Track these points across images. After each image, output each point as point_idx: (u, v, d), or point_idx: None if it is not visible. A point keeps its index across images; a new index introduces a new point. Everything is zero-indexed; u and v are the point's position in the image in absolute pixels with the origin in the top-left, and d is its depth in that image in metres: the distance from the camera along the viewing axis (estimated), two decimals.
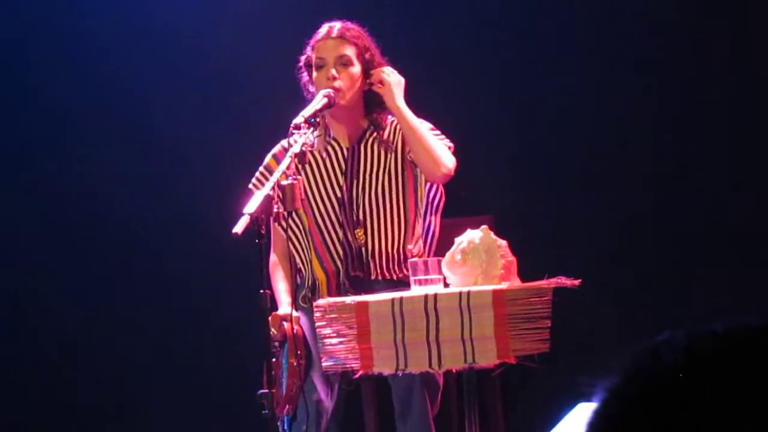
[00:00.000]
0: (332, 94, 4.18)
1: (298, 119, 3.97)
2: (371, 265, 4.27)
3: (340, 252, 4.28)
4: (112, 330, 5.37)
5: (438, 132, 4.35)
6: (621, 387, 1.20)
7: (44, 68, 5.45)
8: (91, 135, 5.42)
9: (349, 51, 4.29)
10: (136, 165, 5.39)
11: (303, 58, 4.35)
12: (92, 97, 5.41)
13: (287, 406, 3.88)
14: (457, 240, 3.87)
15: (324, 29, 4.33)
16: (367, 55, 4.30)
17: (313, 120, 3.99)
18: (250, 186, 4.31)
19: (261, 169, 4.37)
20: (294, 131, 3.93)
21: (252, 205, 3.65)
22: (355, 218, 4.30)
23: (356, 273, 4.27)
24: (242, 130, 5.17)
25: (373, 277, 4.26)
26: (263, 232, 3.67)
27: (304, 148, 3.85)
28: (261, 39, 5.23)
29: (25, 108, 5.50)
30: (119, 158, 5.40)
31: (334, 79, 4.23)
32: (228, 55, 5.30)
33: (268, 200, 3.67)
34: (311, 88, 4.32)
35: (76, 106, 5.43)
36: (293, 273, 4.31)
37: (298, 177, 3.81)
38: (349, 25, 4.34)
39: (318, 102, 4.11)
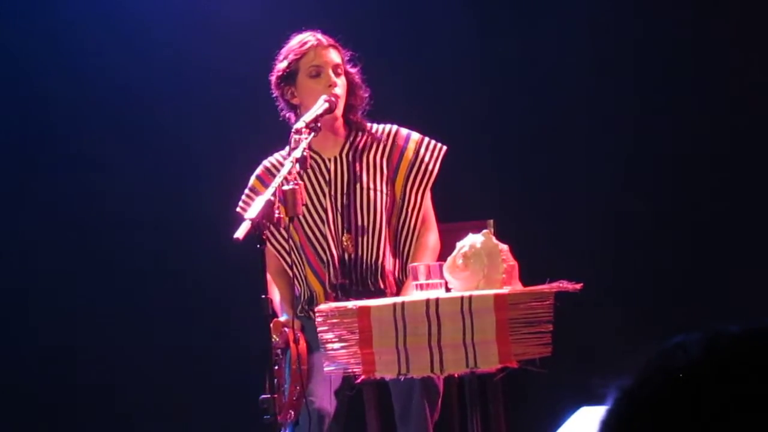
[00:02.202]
0: (333, 100, 4.17)
1: (299, 124, 3.97)
2: (355, 274, 4.26)
3: (333, 260, 4.27)
4: (114, 334, 5.37)
5: (428, 139, 4.35)
6: (635, 387, 1.20)
7: (49, 71, 5.46)
8: (94, 138, 5.42)
9: (339, 60, 4.30)
10: (137, 168, 5.39)
11: (281, 68, 4.31)
12: (96, 100, 5.42)
13: (290, 412, 3.87)
14: (459, 244, 3.86)
15: (312, 38, 4.31)
16: (347, 66, 4.31)
17: (314, 125, 3.99)
18: (238, 209, 4.29)
19: (246, 191, 4.36)
20: (295, 136, 3.92)
21: (253, 211, 3.64)
22: (343, 226, 4.29)
23: (342, 281, 4.26)
24: (246, 135, 5.17)
25: (357, 287, 4.25)
26: (264, 237, 3.66)
27: (305, 153, 3.85)
28: (265, 42, 5.22)
29: (29, 110, 5.50)
30: (121, 162, 5.40)
31: (335, 85, 4.23)
32: (231, 57, 5.30)
33: (269, 205, 3.66)
34: (290, 98, 4.29)
35: (79, 108, 5.43)
36: (290, 287, 4.30)
37: (300, 182, 3.80)
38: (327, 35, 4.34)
39: (319, 107, 4.11)
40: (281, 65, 4.30)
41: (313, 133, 3.97)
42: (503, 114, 5.13)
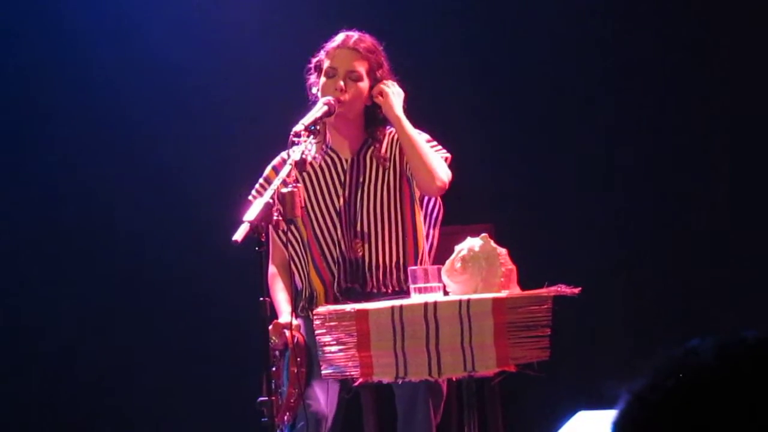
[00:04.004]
0: (332, 102, 4.17)
1: (298, 127, 3.97)
2: (368, 276, 4.26)
3: (339, 263, 4.27)
4: (112, 335, 5.36)
5: (435, 143, 4.35)
6: (647, 390, 1.20)
7: (45, 73, 5.46)
8: (93, 139, 5.42)
9: (361, 66, 4.28)
10: (136, 170, 5.39)
11: (314, 60, 4.34)
12: (95, 102, 5.41)
13: (287, 414, 3.88)
14: (457, 248, 3.86)
15: (341, 37, 4.31)
16: (378, 72, 4.29)
17: (312, 128, 4.00)
18: (250, 197, 4.29)
19: (261, 180, 4.36)
20: (294, 138, 3.93)
21: (252, 213, 3.65)
22: (354, 229, 4.29)
23: (352, 284, 4.26)
24: (244, 136, 5.18)
25: (369, 290, 4.25)
26: (263, 239, 3.66)
27: (303, 156, 3.85)
28: (265, 44, 5.23)
29: (27, 113, 5.50)
30: (120, 164, 5.40)
31: (342, 91, 4.23)
32: (231, 59, 5.30)
33: (268, 208, 3.66)
34: (314, 91, 4.31)
35: (79, 111, 5.43)
36: (292, 283, 4.31)
37: (298, 185, 3.80)
38: (366, 38, 4.32)
39: (318, 110, 4.12)
40: (315, 58, 4.33)
41: (312, 136, 3.98)
42: (502, 117, 5.13)
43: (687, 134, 4.98)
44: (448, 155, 4.34)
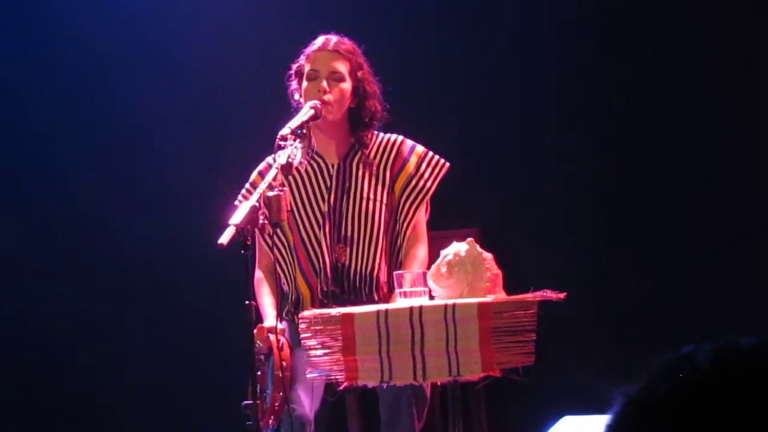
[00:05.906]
0: (319, 106, 4.18)
1: (285, 131, 3.97)
2: (348, 282, 4.26)
3: (324, 267, 4.27)
4: (99, 338, 5.36)
5: (432, 154, 4.35)
6: (641, 395, 1.20)
7: (41, 75, 5.45)
8: (82, 142, 5.41)
9: (343, 67, 4.28)
10: (123, 173, 5.39)
11: (295, 66, 4.34)
12: (86, 104, 5.40)
13: (272, 418, 3.87)
14: (443, 252, 3.87)
15: (320, 41, 4.32)
16: (359, 73, 4.29)
17: (299, 131, 4.00)
18: (236, 202, 4.29)
19: (246, 185, 4.36)
20: (280, 142, 3.93)
21: (238, 216, 3.65)
22: (338, 234, 4.29)
23: (335, 289, 4.26)
24: (231, 138, 5.17)
25: (351, 295, 4.25)
26: (249, 243, 3.66)
27: (290, 160, 3.86)
28: (253, 44, 5.23)
29: (28, 116, 5.49)
30: (109, 167, 5.39)
31: (325, 92, 4.23)
32: (219, 61, 5.30)
33: (254, 211, 3.66)
34: (297, 97, 4.31)
35: (69, 115, 5.42)
36: (278, 287, 4.31)
37: (284, 188, 3.80)
38: (345, 40, 4.33)
39: (305, 113, 4.12)
40: (296, 64, 4.33)
41: (298, 140, 3.98)
42: (488, 122, 5.14)
43: (675, 137, 4.99)
44: (446, 165, 4.34)
